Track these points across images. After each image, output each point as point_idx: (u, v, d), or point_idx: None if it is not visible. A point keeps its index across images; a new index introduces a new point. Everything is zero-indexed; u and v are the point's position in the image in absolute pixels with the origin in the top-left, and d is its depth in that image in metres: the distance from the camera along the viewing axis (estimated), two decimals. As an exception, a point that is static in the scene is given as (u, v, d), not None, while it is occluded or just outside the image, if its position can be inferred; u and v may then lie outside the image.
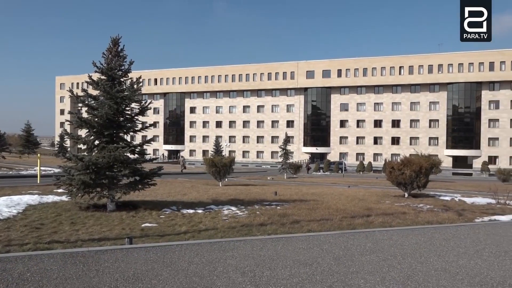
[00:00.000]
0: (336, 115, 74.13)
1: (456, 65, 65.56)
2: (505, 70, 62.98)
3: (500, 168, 40.80)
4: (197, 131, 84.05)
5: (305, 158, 73.94)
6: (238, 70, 79.32)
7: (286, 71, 75.88)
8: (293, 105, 77.16)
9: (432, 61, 66.89)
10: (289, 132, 67.65)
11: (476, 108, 66.12)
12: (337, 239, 7.96)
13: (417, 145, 63.87)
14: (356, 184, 29.21)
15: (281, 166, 42.32)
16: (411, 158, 17.63)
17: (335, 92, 73.93)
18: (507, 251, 7.38)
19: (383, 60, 70.01)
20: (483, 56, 64.20)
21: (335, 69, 72.60)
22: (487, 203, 15.00)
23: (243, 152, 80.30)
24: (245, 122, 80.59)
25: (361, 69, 71.02)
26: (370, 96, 71.93)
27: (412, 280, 5.41)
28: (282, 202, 13.89)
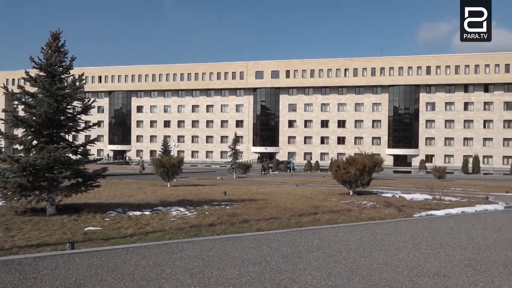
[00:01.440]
0: (285, 115, 75.37)
1: (396, 69, 69.06)
2: (440, 74, 67.31)
3: (435, 166, 43.52)
4: (144, 131, 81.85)
5: (254, 157, 74.51)
6: (187, 69, 78.27)
7: (235, 71, 75.98)
8: (243, 105, 77.46)
9: (374, 64, 69.98)
10: (239, 132, 67.82)
11: (415, 110, 70.05)
12: (285, 237, 8.10)
13: (361, 144, 66.48)
14: (304, 183, 29.87)
15: (231, 166, 42.32)
16: (356, 157, 18.31)
17: (283, 93, 75.14)
18: (442, 243, 7.88)
19: (329, 62, 72.18)
20: (421, 61, 68.22)
21: (283, 70, 73.79)
22: (424, 199, 15.93)
23: (192, 152, 79.38)
24: (194, 122, 79.68)
25: (308, 70, 72.74)
26: (317, 97, 73.87)
27: (356, 274, 5.62)
28: (232, 201, 13.90)
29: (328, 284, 5.17)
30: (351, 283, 5.25)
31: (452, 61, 67.07)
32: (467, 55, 67.88)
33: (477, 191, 22.71)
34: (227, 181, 32.07)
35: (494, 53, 67.19)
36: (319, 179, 35.99)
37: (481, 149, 66.31)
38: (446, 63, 67.06)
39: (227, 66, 76.61)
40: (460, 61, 66.65)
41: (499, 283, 5.39)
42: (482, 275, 5.74)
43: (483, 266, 6.22)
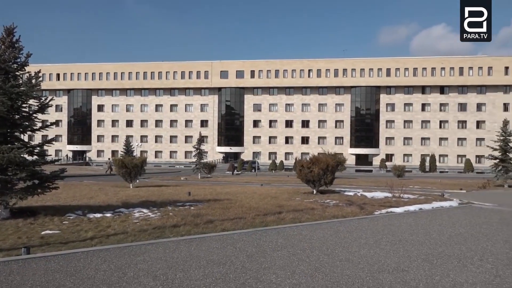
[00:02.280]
0: (250, 115, 75.57)
1: (358, 70, 70.88)
2: (399, 76, 69.73)
3: (395, 165, 45.00)
4: (106, 131, 79.60)
5: (219, 157, 74.22)
6: (151, 67, 76.82)
7: (200, 70, 75.37)
8: (207, 105, 76.96)
9: (337, 65, 71.51)
10: (203, 132, 67.33)
11: (375, 110, 72.18)
12: (250, 237, 8.11)
13: (325, 144, 67.77)
14: (268, 182, 30.05)
15: (195, 166, 41.92)
16: (319, 157, 18.61)
17: (248, 93, 75.32)
18: (401, 239, 8.16)
19: (293, 63, 73.04)
20: (381, 63, 70.40)
21: (248, 70, 73.96)
22: (384, 197, 16.43)
23: (156, 152, 78.01)
24: (157, 122, 78.34)
25: (273, 70, 73.29)
26: (282, 97, 74.56)
27: (319, 272, 5.71)
28: (196, 202, 13.77)
29: (292, 282, 5.22)
30: (315, 280, 5.34)
31: (411, 63, 69.68)
32: (425, 58, 70.76)
33: (434, 189, 23.67)
34: (191, 182, 31.75)
35: (449, 57, 70.42)
36: (283, 179, 36.32)
37: (437, 148, 69.28)
38: (405, 66, 69.57)
39: (191, 65, 75.87)
40: (418, 64, 69.35)
41: (453, 276, 5.64)
42: (438, 269, 5.99)
43: (439, 260, 6.49)
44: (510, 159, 28.28)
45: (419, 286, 5.17)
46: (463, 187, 24.59)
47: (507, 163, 27.89)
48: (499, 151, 28.65)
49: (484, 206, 14.32)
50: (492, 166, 29.14)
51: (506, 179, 27.38)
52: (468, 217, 11.42)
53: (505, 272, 5.89)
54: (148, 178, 34.11)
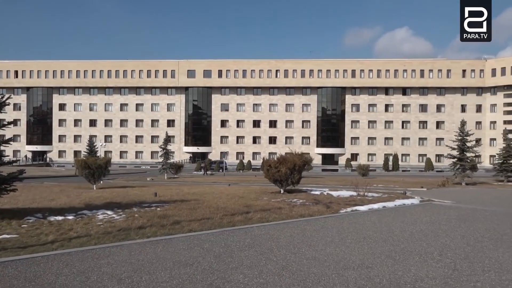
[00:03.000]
0: (217, 115, 75.23)
1: (324, 71, 72.07)
2: (364, 77, 71.49)
3: (360, 164, 46.12)
4: (68, 130, 76.99)
5: (186, 158, 73.47)
6: (115, 65, 74.98)
7: (166, 69, 74.30)
8: (174, 104, 75.99)
9: (304, 66, 72.42)
10: (170, 132, 66.44)
11: (341, 111, 73.63)
12: (217, 237, 8.08)
13: (292, 144, 68.45)
14: (236, 182, 30.04)
15: (162, 166, 41.32)
16: (286, 157, 18.76)
17: (216, 92, 74.96)
18: (365, 237, 8.36)
19: (261, 63, 73.34)
20: (347, 64, 71.91)
21: (216, 69, 73.62)
22: (350, 195, 16.79)
23: (121, 152, 76.24)
24: (122, 121, 76.58)
25: (240, 70, 73.31)
26: (250, 97, 74.70)
27: (286, 271, 5.76)
28: (163, 203, 13.56)
29: (260, 282, 5.24)
30: (282, 279, 5.38)
31: (375, 65, 71.57)
32: (388, 60, 72.89)
33: (397, 187, 24.42)
34: (158, 182, 31.26)
35: (411, 59, 72.88)
36: (251, 178, 36.41)
37: (400, 148, 71.51)
38: (369, 67, 71.39)
39: (158, 64, 74.67)
40: (382, 66, 71.33)
41: (415, 271, 5.84)
42: (400, 264, 6.18)
43: (402, 256, 6.70)
44: (467, 158, 29.60)
45: (382, 282, 5.31)
46: (424, 185, 25.49)
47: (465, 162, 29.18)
48: (457, 150, 29.93)
49: (443, 204, 14.91)
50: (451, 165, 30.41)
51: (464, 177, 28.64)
52: (428, 214, 11.85)
53: (462, 266, 6.16)
54: (112, 179, 33.31)
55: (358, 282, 5.31)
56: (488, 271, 5.94)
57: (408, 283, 5.29)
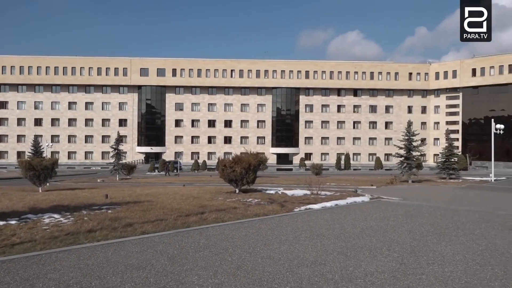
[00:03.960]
0: (171, 115, 73.99)
1: (279, 72, 72.99)
2: (317, 78, 73.17)
3: (313, 163, 47.11)
4: (10, 130, 72.55)
5: (139, 158, 71.64)
6: (63, 62, 71.66)
7: (118, 67, 72.03)
8: (126, 103, 73.85)
9: (259, 66, 72.95)
10: (122, 131, 64.53)
11: (295, 111, 74.91)
12: (171, 239, 7.94)
13: (247, 144, 68.72)
14: (191, 182, 29.69)
15: (113, 167, 40.03)
16: (242, 156, 18.77)
17: (170, 91, 73.70)
18: (318, 234, 8.55)
19: (216, 62, 73.00)
20: (301, 65, 73.26)
21: (170, 68, 72.38)
22: (303, 194, 17.09)
23: (69, 153, 73.00)
24: (71, 120, 73.36)
25: (195, 70, 72.56)
26: (205, 97, 74.13)
27: (241, 270, 5.77)
28: (114, 205, 13.12)
29: (215, 282, 5.21)
30: (237, 279, 5.37)
31: (327, 67, 73.48)
32: (340, 62, 75.09)
33: (348, 185, 25.18)
34: (109, 183, 30.24)
35: (362, 62, 75.56)
36: (206, 178, 36.14)
37: (351, 147, 73.89)
38: (322, 69, 73.19)
39: (109, 61, 72.24)
40: (334, 68, 73.37)
41: (365, 266, 6.05)
42: (351, 260, 6.38)
43: (353, 252, 6.92)
44: (413, 157, 31.08)
45: (335, 278, 5.46)
46: (373, 183, 26.47)
47: (411, 160, 30.61)
48: (404, 149, 31.33)
49: (391, 201, 15.57)
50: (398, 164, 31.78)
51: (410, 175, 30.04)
52: (378, 211, 12.33)
53: (409, 260, 6.46)
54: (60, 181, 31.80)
55: (311, 279, 5.42)
56: (432, 263, 6.28)
57: (359, 278, 5.47)
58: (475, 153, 63.83)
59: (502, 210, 12.96)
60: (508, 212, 12.44)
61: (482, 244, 7.75)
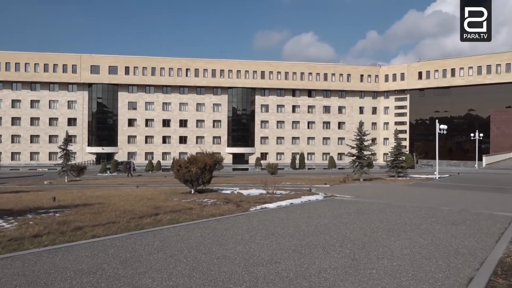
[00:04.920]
0: (124, 114, 71.88)
1: (235, 72, 73.03)
2: (273, 79, 73.96)
3: (269, 163, 47.57)
4: None
5: (90, 158, 68.96)
6: (5, 57, 67.52)
7: (66, 63, 68.93)
8: (76, 102, 70.85)
9: (215, 66, 72.58)
10: (71, 131, 61.86)
11: (251, 111, 75.29)
12: (124, 242, 7.71)
13: (203, 143, 68.16)
14: (145, 183, 29.01)
15: (62, 168, 38.27)
16: (197, 156, 18.59)
17: (122, 90, 71.55)
18: (273, 233, 8.64)
19: (171, 61, 71.79)
20: (256, 66, 73.72)
21: (122, 66, 70.27)
22: (259, 194, 17.20)
23: (12, 153, 68.89)
24: (14, 119, 69.29)
25: (149, 68, 70.96)
26: (159, 96, 72.69)
27: (197, 271, 5.71)
28: (62, 208, 12.54)
29: (169, 285, 5.12)
30: (192, 280, 5.31)
31: (282, 67, 74.48)
32: (294, 63, 76.38)
33: (303, 184, 25.63)
34: (57, 186, 28.88)
35: (316, 63, 77.27)
36: (161, 179, 35.46)
37: (306, 147, 75.36)
38: (278, 69, 74.08)
39: (56, 58, 68.94)
40: (289, 68, 74.48)
41: (319, 263, 6.19)
42: (306, 258, 6.51)
43: (307, 250, 7.05)
44: (365, 156, 32.16)
45: (289, 276, 5.54)
46: (327, 182, 27.12)
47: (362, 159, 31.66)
48: (356, 149, 32.35)
49: (344, 198, 16.04)
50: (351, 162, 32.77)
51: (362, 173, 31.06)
52: (331, 209, 12.66)
53: (360, 255, 6.69)
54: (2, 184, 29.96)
55: (266, 277, 5.46)
56: (382, 258, 6.53)
57: (313, 275, 5.58)
58: (421, 152, 67.24)
59: (445, 205, 13.73)
60: (450, 207, 13.21)
61: (427, 239, 8.17)
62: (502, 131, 63.42)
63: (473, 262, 6.36)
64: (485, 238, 8.27)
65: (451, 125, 56.06)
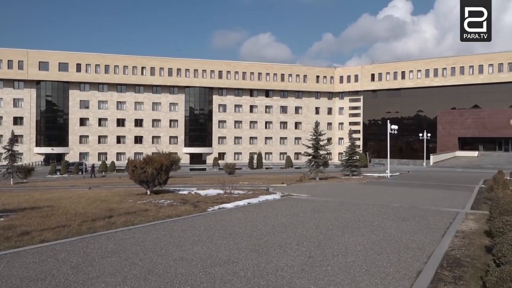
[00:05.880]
0: (76, 113, 68.99)
1: (192, 71, 72.19)
2: (230, 78, 73.83)
3: (227, 163, 47.48)
4: None
5: (39, 159, 65.62)
6: None
7: (12, 59, 65.11)
8: (22, 100, 67.09)
9: (171, 64, 71.37)
10: (17, 131, 58.56)
11: (209, 111, 74.74)
12: (75, 246, 7.41)
13: (159, 143, 66.74)
14: (98, 185, 28.03)
15: (7, 170, 36.18)
16: (153, 157, 18.22)
17: (74, 88, 68.64)
18: (231, 233, 8.63)
19: (126, 59, 69.78)
20: (214, 65, 73.30)
21: (74, 62, 67.38)
22: (217, 194, 17.14)
23: (-48, 154, 64.16)
24: (-47, 118, 64.60)
25: (103, 65, 68.55)
26: (113, 95, 70.45)
27: (153, 274, 5.60)
28: (8, 212, 11.86)
29: (124, 289, 4.98)
30: (148, 283, 5.20)
31: (240, 67, 74.54)
32: (252, 63, 76.70)
33: (261, 184, 25.80)
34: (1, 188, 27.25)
35: (273, 64, 77.98)
36: (115, 180, 34.42)
37: (263, 146, 75.88)
38: (235, 69, 74.05)
39: (0, 53, 64.97)
40: (247, 68, 74.69)
41: (276, 261, 6.26)
42: (263, 257, 6.56)
43: (264, 249, 7.11)
44: (321, 155, 32.89)
45: (247, 275, 5.56)
46: (284, 181, 27.47)
47: (318, 159, 32.36)
48: (312, 148, 33.01)
49: (300, 197, 16.32)
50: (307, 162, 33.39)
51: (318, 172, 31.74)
52: (288, 208, 12.84)
53: (316, 253, 6.84)
54: None
55: (224, 277, 5.45)
56: (337, 255, 6.71)
57: (270, 273, 5.64)
58: (374, 151, 69.75)
59: (396, 203, 14.33)
60: (401, 204, 13.80)
61: (379, 235, 8.49)
62: (447, 131, 67.06)
63: (421, 256, 6.68)
64: (432, 233, 8.72)
65: (402, 125, 58.61)
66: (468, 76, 66.53)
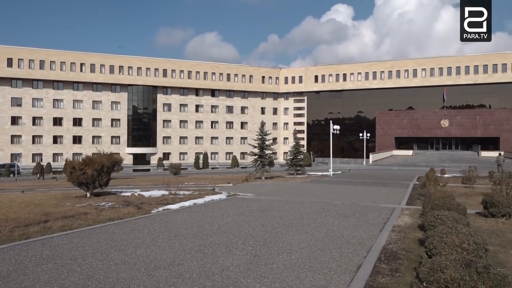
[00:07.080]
0: (6, 111, 64.26)
1: (135, 68, 70.02)
2: (175, 77, 72.56)
3: (172, 163, 46.59)
4: None
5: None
6: None
7: None
8: None
9: (113, 61, 68.75)
10: None
11: (153, 110, 72.91)
12: (5, 254, 6.90)
13: (100, 144, 64.01)
14: (32, 188, 26.30)
15: None
16: (93, 157, 17.45)
17: (5, 84, 63.90)
18: (176, 234, 8.48)
19: (63, 54, 66.17)
20: (158, 63, 71.63)
21: (4, 57, 62.74)
22: (162, 195, 16.77)
23: None
24: None
25: (37, 61, 64.48)
26: (49, 92, 66.49)
27: (92, 280, 5.35)
28: None
29: (60, 297, 4.71)
30: (87, 290, 4.97)
31: (186, 66, 73.52)
32: (198, 63, 75.92)
33: (206, 184, 25.62)
34: None
35: (219, 63, 77.79)
36: (51, 183, 32.50)
37: (209, 146, 75.39)
38: (181, 68, 72.91)
39: None
40: (192, 68, 73.80)
41: (222, 261, 6.24)
42: (209, 257, 6.51)
43: (210, 250, 7.06)
44: (266, 155, 33.31)
45: (192, 276, 5.49)
46: (230, 181, 27.48)
47: (264, 158, 32.75)
48: (258, 148, 33.34)
49: (246, 197, 16.41)
50: (253, 161, 33.67)
51: (263, 172, 32.11)
52: (234, 207, 12.86)
53: (261, 251, 6.90)
54: None
55: (169, 280, 5.34)
56: (282, 253, 6.82)
57: (216, 274, 5.61)
58: (318, 151, 71.84)
59: (338, 200, 14.86)
60: (342, 202, 14.33)
61: (322, 232, 8.75)
62: (385, 131, 70.68)
63: (361, 251, 6.98)
64: (372, 228, 9.15)
65: (343, 125, 60.86)
66: (404, 79, 70.65)
